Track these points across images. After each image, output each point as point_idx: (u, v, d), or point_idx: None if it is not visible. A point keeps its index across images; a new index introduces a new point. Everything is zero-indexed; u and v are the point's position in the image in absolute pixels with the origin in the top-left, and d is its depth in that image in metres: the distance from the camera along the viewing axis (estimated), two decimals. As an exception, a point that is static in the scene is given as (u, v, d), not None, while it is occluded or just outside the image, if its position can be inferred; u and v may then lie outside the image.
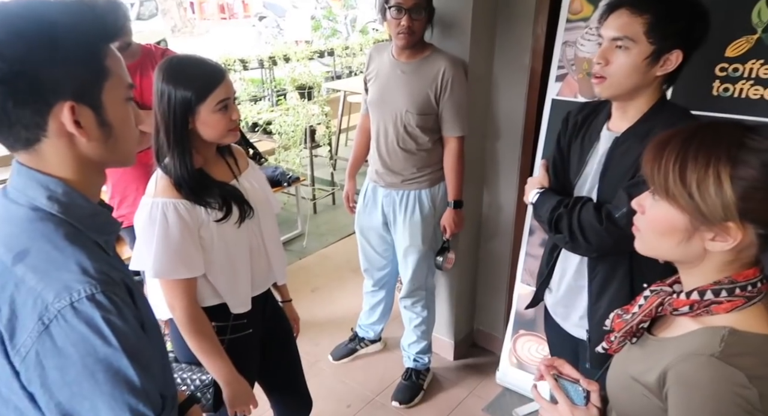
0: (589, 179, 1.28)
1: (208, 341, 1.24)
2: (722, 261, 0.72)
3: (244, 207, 1.26)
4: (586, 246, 1.23)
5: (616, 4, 1.12)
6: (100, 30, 0.69)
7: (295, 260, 3.47)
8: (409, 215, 2.05)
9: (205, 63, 1.19)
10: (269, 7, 9.75)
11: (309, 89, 4.29)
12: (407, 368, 2.33)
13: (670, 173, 0.70)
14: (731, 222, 0.68)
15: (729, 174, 0.66)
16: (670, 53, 1.10)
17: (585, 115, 1.34)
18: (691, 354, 0.70)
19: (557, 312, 1.45)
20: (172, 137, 1.17)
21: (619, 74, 1.13)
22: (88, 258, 0.67)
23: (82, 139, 0.69)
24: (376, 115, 1.99)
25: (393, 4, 1.77)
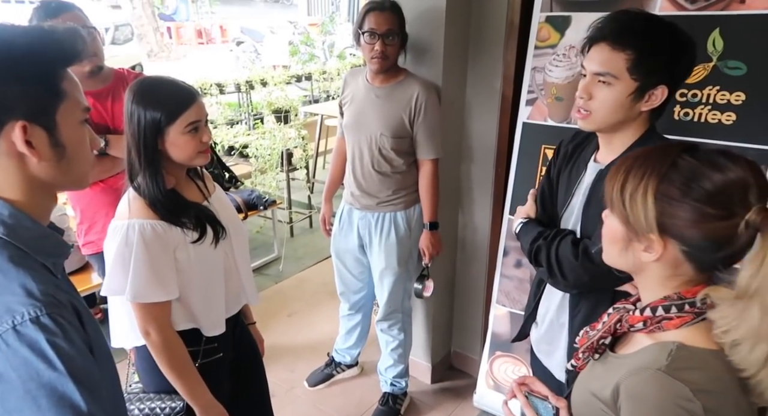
0: (574, 211, 1.24)
1: (184, 366, 1.21)
2: (661, 275, 0.75)
3: (218, 227, 1.25)
4: (564, 281, 1.19)
5: (597, 38, 1.08)
6: (58, 53, 0.70)
7: (272, 284, 3.42)
8: (385, 237, 2.05)
9: (177, 85, 1.19)
10: (247, 32, 9.85)
11: (285, 113, 4.31)
12: (384, 392, 2.30)
13: (615, 185, 0.74)
14: (653, 235, 0.71)
15: (655, 189, 0.71)
16: (655, 89, 1.06)
17: (576, 145, 1.30)
18: (641, 368, 0.72)
19: (541, 349, 1.40)
20: (143, 158, 1.16)
21: (603, 110, 1.09)
22: (34, 281, 0.66)
23: (33, 159, 0.68)
24: (352, 138, 2.01)
25: (366, 30, 1.80)
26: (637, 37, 1.04)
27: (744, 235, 0.66)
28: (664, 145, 0.76)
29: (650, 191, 0.71)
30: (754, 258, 0.65)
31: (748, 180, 0.68)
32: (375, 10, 1.81)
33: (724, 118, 1.53)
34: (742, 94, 1.49)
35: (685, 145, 0.74)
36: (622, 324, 0.80)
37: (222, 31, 13.88)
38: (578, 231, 1.21)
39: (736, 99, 1.50)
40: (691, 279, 0.74)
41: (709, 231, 0.69)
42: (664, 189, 0.70)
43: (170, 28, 12.72)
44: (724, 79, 1.51)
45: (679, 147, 0.74)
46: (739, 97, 1.50)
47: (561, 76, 1.82)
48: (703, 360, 0.70)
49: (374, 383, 2.39)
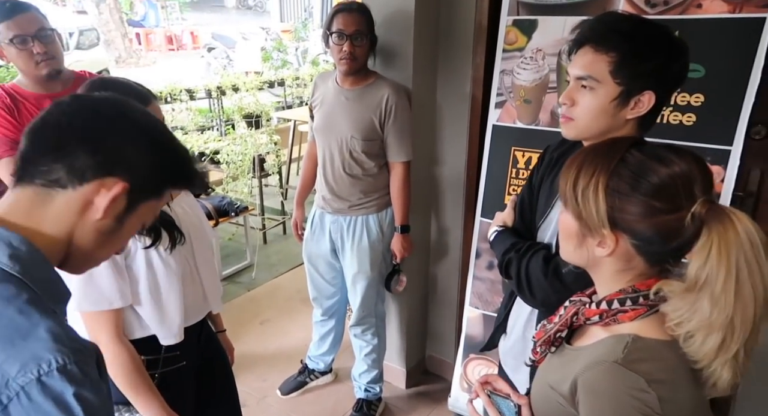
0: (552, 224, 1.16)
1: (137, 377, 1.15)
2: (614, 269, 0.76)
3: (175, 233, 1.21)
4: (531, 298, 1.15)
5: (581, 41, 1.03)
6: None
7: (244, 292, 3.36)
8: (357, 241, 2.03)
9: (131, 87, 1.14)
10: (218, 38, 9.75)
11: (257, 118, 4.26)
12: (358, 399, 2.27)
13: (568, 180, 0.75)
14: (605, 230, 0.72)
15: (605, 184, 0.72)
16: (641, 94, 0.98)
17: (561, 153, 1.21)
18: (597, 361, 0.72)
19: (507, 362, 1.34)
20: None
21: (585, 116, 1.02)
22: (58, 325, 0.59)
23: (97, 215, 0.67)
24: (322, 141, 2.00)
25: (335, 30, 1.80)
26: (621, 39, 0.97)
27: (690, 228, 0.67)
28: (613, 140, 0.77)
29: (600, 186, 0.72)
30: (701, 250, 0.66)
31: (693, 173, 0.69)
32: (343, 11, 1.80)
33: (684, 119, 1.57)
34: (701, 96, 1.53)
35: (632, 140, 0.75)
36: (579, 318, 0.80)
37: (193, 37, 13.71)
38: (554, 246, 1.15)
39: (695, 100, 1.54)
40: (644, 272, 0.75)
41: (657, 225, 0.70)
42: (614, 184, 0.71)
43: (139, 34, 12.50)
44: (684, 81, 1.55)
45: (627, 142, 0.75)
46: (699, 99, 1.54)
47: (529, 79, 1.84)
48: (657, 351, 0.71)
49: (348, 389, 2.36)
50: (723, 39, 1.49)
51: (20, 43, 1.60)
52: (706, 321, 0.65)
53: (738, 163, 1.49)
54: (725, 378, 0.66)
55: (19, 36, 1.59)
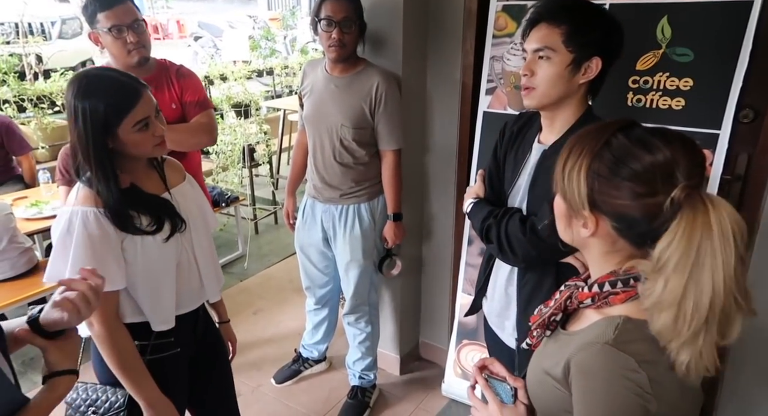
0: (520, 191, 1.31)
1: (128, 358, 1.16)
2: (601, 251, 0.78)
3: (176, 220, 1.20)
4: (513, 257, 1.26)
5: (536, 20, 1.19)
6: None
7: (236, 282, 3.36)
8: (349, 229, 2.03)
9: (119, 80, 1.12)
10: (205, 27, 9.60)
11: (246, 107, 4.22)
12: (353, 386, 2.29)
13: (559, 162, 0.77)
14: (585, 212, 0.74)
15: (587, 166, 0.73)
16: (589, 60, 1.15)
17: (520, 127, 1.38)
18: (589, 343, 0.73)
19: (493, 321, 1.47)
20: (93, 162, 1.10)
21: (544, 83, 1.18)
22: None
23: None
24: (312, 130, 1.98)
25: (323, 17, 1.78)
26: (571, 13, 1.15)
27: (668, 212, 0.68)
28: (604, 122, 0.78)
29: (583, 168, 0.73)
30: (669, 233, 0.66)
31: (676, 159, 0.69)
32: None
33: (674, 104, 1.57)
34: (690, 80, 1.54)
35: (622, 124, 0.75)
36: (572, 301, 0.81)
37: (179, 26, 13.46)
38: (524, 209, 1.28)
39: (684, 85, 1.55)
40: (631, 254, 0.76)
41: (635, 208, 0.71)
42: (596, 166, 0.72)
43: (143, 21, 12.22)
44: (673, 66, 1.55)
45: (616, 125, 0.75)
46: (688, 83, 1.54)
47: (519, 65, 1.83)
48: (648, 333, 0.71)
49: (343, 377, 2.37)
50: (711, 23, 1.49)
51: (117, 32, 1.71)
52: (656, 299, 0.67)
53: (726, 146, 1.50)
54: (682, 360, 0.67)
55: (116, 25, 1.71)
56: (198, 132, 1.91)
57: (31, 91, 4.26)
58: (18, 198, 2.87)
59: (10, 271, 2.29)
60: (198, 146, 2.00)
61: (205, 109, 1.93)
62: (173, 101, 1.89)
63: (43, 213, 2.67)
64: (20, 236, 2.37)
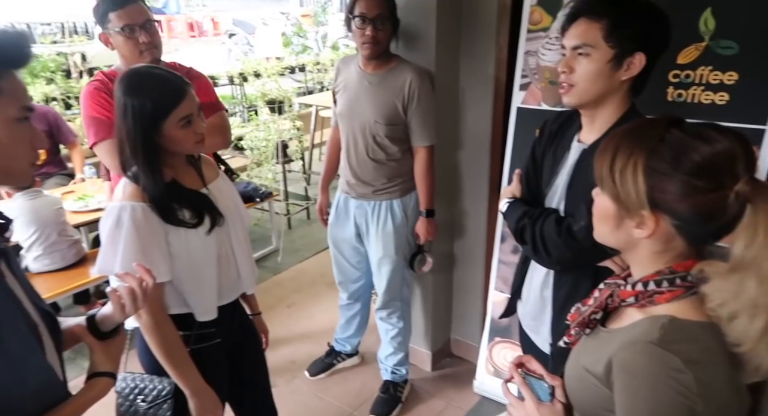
0: (558, 191, 1.27)
1: (174, 348, 1.21)
2: (653, 251, 0.75)
3: (215, 214, 1.25)
4: (548, 258, 1.22)
5: (575, 14, 1.13)
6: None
7: (270, 276, 3.43)
8: (382, 225, 2.05)
9: (166, 78, 1.17)
10: (238, 24, 9.75)
11: (279, 104, 4.29)
12: (385, 381, 2.31)
13: (604, 162, 0.74)
14: (645, 211, 0.71)
15: (644, 164, 0.70)
16: (632, 56, 1.09)
17: (560, 124, 1.33)
18: (633, 341, 0.72)
19: (527, 324, 1.43)
20: (141, 156, 1.15)
21: (584, 80, 1.13)
22: None
23: None
24: (346, 126, 2.00)
25: (357, 14, 1.79)
26: (610, 6, 1.09)
27: (734, 206, 0.66)
28: (650, 119, 0.76)
29: (639, 166, 0.70)
30: (746, 229, 0.64)
31: (735, 151, 0.68)
32: (365, -5, 1.79)
33: (717, 99, 1.52)
34: (735, 74, 1.49)
35: (671, 119, 0.73)
36: (614, 299, 0.80)
37: (214, 23, 13.69)
38: (562, 210, 1.24)
39: (728, 79, 1.50)
40: (682, 253, 0.74)
41: (699, 204, 0.68)
42: (654, 163, 0.70)
43: (161, 22, 12.56)
44: (716, 59, 1.50)
45: (666, 121, 0.73)
46: (732, 77, 1.49)
47: (554, 60, 1.80)
48: (694, 333, 0.70)
49: (375, 371, 2.40)
50: (758, 14, 1.43)
51: (129, 32, 1.67)
52: (752, 301, 0.64)
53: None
54: (758, 363, 0.65)
55: (128, 25, 1.66)
56: (212, 133, 1.83)
57: (77, 88, 4.44)
58: (65, 192, 3.00)
59: (61, 262, 2.40)
60: (212, 148, 1.95)
61: (218, 110, 1.88)
62: None
63: (89, 207, 2.78)
64: (69, 229, 2.48)
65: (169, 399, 1.22)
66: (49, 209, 2.39)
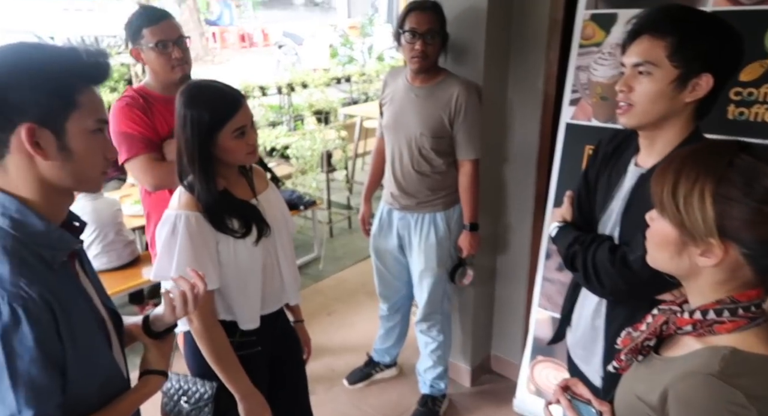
0: (613, 216, 1.19)
1: (224, 352, 1.25)
2: (716, 280, 0.72)
3: (262, 225, 1.29)
4: (600, 288, 1.16)
5: (637, 31, 1.06)
6: (77, 70, 0.78)
7: (311, 283, 3.48)
8: (425, 238, 2.05)
9: (223, 91, 1.23)
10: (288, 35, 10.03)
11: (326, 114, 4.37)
12: (423, 394, 2.30)
13: (665, 187, 0.71)
14: (713, 239, 0.68)
15: (712, 191, 0.67)
16: (698, 77, 1.01)
17: (615, 146, 1.25)
18: (691, 372, 0.69)
19: (577, 353, 1.35)
20: (197, 164, 1.21)
21: (644, 101, 1.05)
22: (11, 271, 0.73)
23: (39, 158, 0.76)
24: (391, 138, 2.02)
25: (407, 29, 1.81)
26: (676, 23, 1.02)
27: None
28: (714, 142, 0.73)
29: (707, 193, 0.67)
30: None
31: None
32: (416, 10, 1.81)
33: (780, 116, 1.45)
34: (803, 91, 1.41)
35: (738, 143, 0.70)
36: (669, 326, 0.77)
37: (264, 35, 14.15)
38: (616, 237, 1.17)
39: (796, 96, 1.43)
40: (747, 282, 0.71)
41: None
42: (723, 190, 0.67)
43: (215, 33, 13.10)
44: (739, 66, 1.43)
45: (734, 144, 0.70)
46: (800, 94, 1.42)
47: (606, 75, 1.77)
48: (759, 366, 0.67)
49: (413, 384, 2.39)
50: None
51: (162, 48, 1.68)
52: None
53: None
54: None
55: (162, 41, 1.68)
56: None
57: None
58: (123, 196, 3.16)
59: (117, 261, 2.53)
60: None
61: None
62: None
63: (144, 211, 2.91)
64: (125, 230, 2.61)
65: (211, 402, 1.26)
66: (108, 210, 2.52)
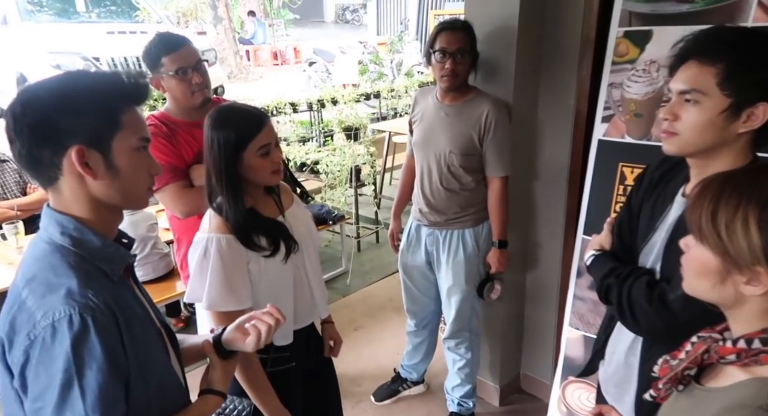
0: (655, 249, 1.12)
1: (255, 373, 1.27)
2: (763, 308, 0.70)
3: (290, 242, 1.31)
4: (635, 325, 1.10)
5: (685, 55, 0.99)
6: (119, 92, 0.84)
7: (339, 298, 3.49)
8: (453, 254, 2.04)
9: (248, 111, 1.27)
10: (319, 53, 10.23)
11: (355, 130, 4.42)
12: (451, 412, 2.27)
13: (703, 213, 0.70)
14: (760, 267, 0.66)
15: (757, 218, 0.65)
16: (754, 106, 0.93)
17: (663, 172, 1.17)
18: (738, 405, 0.67)
19: (609, 391, 1.27)
20: (225, 183, 1.24)
21: (690, 131, 0.98)
22: (78, 284, 0.77)
23: (89, 178, 0.81)
24: (421, 155, 2.04)
25: (437, 49, 1.84)
26: (729, 49, 0.94)
27: None
28: (753, 168, 0.71)
29: (752, 219, 0.66)
30: None
31: None
32: (446, 30, 1.84)
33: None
34: None
35: None
36: (711, 355, 0.74)
37: (295, 52, 14.47)
38: (657, 272, 1.10)
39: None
40: None
41: None
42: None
43: (249, 51, 13.47)
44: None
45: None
46: None
47: (640, 92, 1.75)
48: None
49: (441, 401, 2.36)
50: None
51: (182, 74, 1.70)
52: None
53: None
54: None
55: (182, 68, 1.69)
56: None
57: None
58: (159, 210, 3.26)
59: (152, 273, 2.60)
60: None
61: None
62: None
63: (179, 225, 2.99)
64: (160, 243, 2.68)
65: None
66: (145, 223, 2.60)
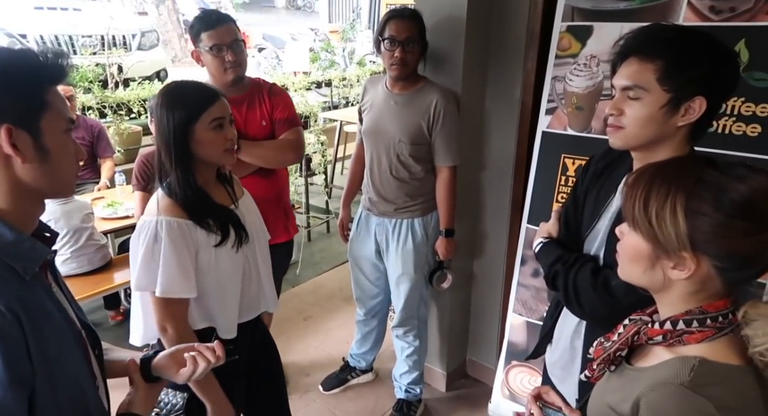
0: (599, 236, 1.16)
1: None
2: (686, 291, 0.74)
3: (241, 232, 1.27)
4: (580, 310, 1.15)
5: (625, 53, 1.02)
6: (42, 71, 0.78)
7: (288, 288, 3.45)
8: (402, 243, 2.06)
9: (202, 85, 1.24)
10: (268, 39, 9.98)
11: (305, 118, 4.35)
12: (398, 399, 2.30)
13: (636, 202, 0.73)
14: (685, 253, 0.70)
15: (683, 206, 0.69)
16: (691, 101, 0.97)
17: (607, 164, 1.21)
18: (662, 383, 0.71)
19: (555, 373, 1.33)
20: (173, 156, 1.19)
21: (634, 125, 1.01)
22: None
23: (18, 160, 0.74)
24: (370, 144, 2.03)
25: (387, 37, 1.83)
26: (667, 46, 0.97)
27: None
28: (681, 158, 0.75)
29: (679, 207, 0.69)
30: None
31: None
32: (395, 18, 1.83)
33: (749, 130, 1.50)
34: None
35: (704, 159, 0.73)
36: (640, 337, 0.79)
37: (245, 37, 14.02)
38: (601, 258, 1.15)
39: (761, 111, 1.48)
40: (716, 293, 0.73)
41: (743, 246, 0.68)
42: (694, 205, 0.69)
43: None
44: (749, 91, 1.49)
45: (699, 160, 0.73)
46: (765, 109, 1.47)
47: (581, 86, 1.81)
48: (727, 376, 0.69)
49: (389, 389, 2.39)
50: (793, 46, 1.42)
51: (216, 51, 1.77)
52: None
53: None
54: None
55: (217, 45, 1.76)
56: (285, 149, 1.90)
57: (112, 98, 4.59)
58: (96, 198, 3.09)
59: (87, 266, 2.47)
60: (285, 163, 2.01)
61: (294, 126, 1.93)
62: (263, 118, 1.91)
63: (118, 214, 2.84)
64: (97, 234, 2.55)
65: (181, 413, 1.24)
66: (79, 214, 2.46)
